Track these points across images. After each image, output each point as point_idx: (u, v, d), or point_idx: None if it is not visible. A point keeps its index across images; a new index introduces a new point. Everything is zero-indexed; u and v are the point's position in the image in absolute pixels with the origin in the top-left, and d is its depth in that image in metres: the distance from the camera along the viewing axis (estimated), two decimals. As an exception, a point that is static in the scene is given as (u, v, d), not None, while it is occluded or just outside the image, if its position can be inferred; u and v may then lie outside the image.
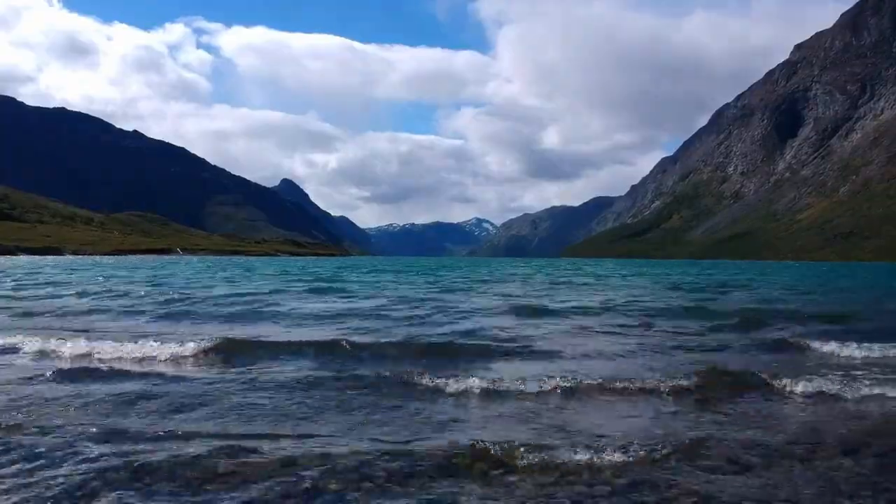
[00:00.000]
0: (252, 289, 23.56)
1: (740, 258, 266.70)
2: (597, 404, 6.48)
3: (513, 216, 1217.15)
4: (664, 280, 37.50)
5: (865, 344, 9.70)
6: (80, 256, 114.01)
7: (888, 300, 23.51)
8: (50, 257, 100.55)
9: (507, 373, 7.84)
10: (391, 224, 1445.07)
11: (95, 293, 19.88)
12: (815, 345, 9.97)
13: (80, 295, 19.21)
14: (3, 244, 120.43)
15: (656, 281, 36.58)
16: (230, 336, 10.11)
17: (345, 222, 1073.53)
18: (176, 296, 18.83)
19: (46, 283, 25.72)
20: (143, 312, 14.60)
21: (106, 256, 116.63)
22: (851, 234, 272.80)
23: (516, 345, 10.12)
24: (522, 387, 6.87)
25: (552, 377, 7.16)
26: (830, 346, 9.76)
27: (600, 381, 7.14)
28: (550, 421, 5.76)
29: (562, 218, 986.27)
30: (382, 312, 15.18)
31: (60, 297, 18.82)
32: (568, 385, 6.93)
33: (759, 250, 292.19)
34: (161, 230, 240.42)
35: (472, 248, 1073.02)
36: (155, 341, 9.25)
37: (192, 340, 9.22)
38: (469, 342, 10.28)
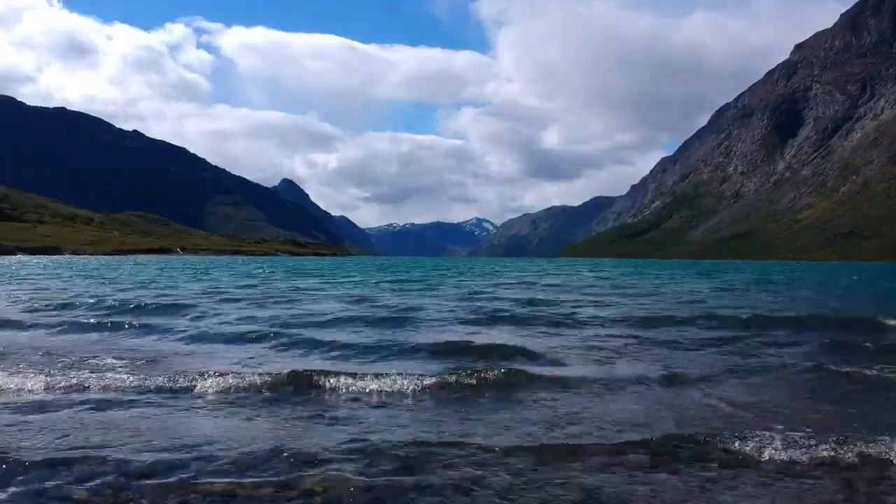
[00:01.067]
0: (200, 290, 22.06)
1: (740, 258, 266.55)
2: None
3: (513, 216, 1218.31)
4: (663, 278, 37.22)
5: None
6: (79, 256, 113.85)
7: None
8: (46, 257, 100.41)
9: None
10: (391, 224, 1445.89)
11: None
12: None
13: None
14: (3, 244, 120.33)
15: (661, 281, 36.30)
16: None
17: (345, 222, 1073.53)
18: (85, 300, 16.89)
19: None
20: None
21: (106, 256, 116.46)
22: (851, 234, 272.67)
23: (544, 371, 7.81)
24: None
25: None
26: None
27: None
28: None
29: (562, 218, 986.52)
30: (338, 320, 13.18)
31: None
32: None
33: (759, 250, 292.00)
34: (161, 230, 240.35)
35: (473, 249, 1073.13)
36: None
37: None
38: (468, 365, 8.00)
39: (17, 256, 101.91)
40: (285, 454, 4.53)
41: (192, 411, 5.86)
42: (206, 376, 6.93)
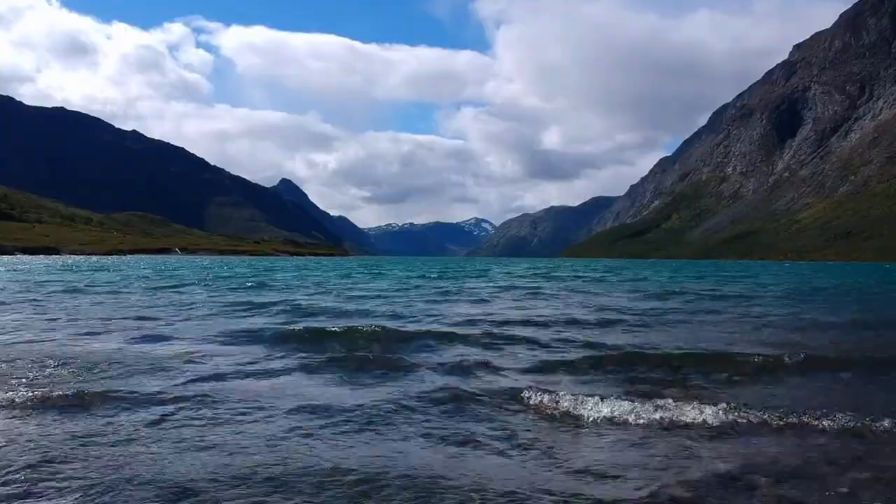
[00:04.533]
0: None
1: (740, 258, 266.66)
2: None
3: (513, 216, 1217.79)
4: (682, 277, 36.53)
5: None
6: (77, 256, 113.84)
7: None
8: (45, 257, 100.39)
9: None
10: (390, 224, 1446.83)
11: None
12: None
13: None
14: (2, 244, 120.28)
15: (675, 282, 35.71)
16: None
17: (345, 222, 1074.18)
18: None
19: None
20: None
21: (104, 257, 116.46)
22: (850, 235, 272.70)
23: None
24: None
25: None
26: None
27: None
28: None
29: (561, 218, 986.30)
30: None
31: None
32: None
33: (758, 250, 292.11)
34: (161, 230, 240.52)
35: (472, 249, 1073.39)
36: None
37: None
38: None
39: (17, 256, 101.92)
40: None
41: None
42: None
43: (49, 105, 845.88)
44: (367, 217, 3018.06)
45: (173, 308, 15.31)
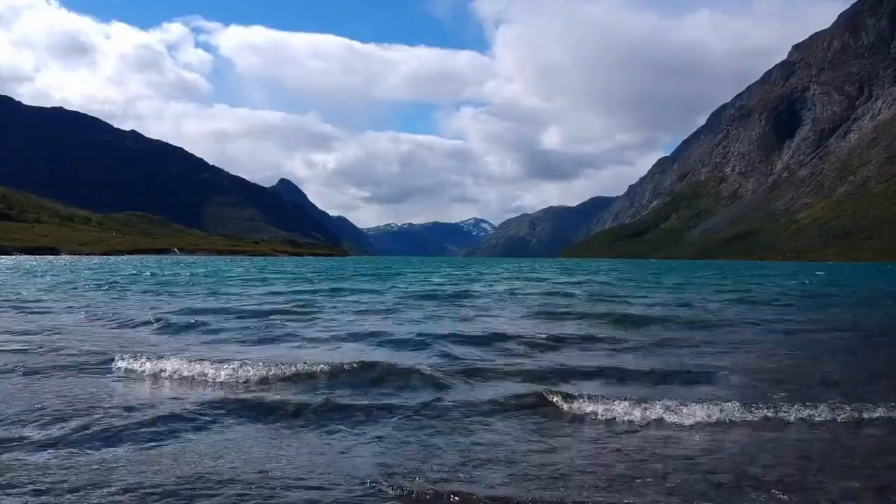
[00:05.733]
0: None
1: (739, 258, 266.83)
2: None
3: (512, 216, 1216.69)
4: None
5: None
6: (76, 257, 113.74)
7: None
8: (44, 257, 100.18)
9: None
10: (389, 224, 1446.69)
11: None
12: None
13: None
14: (1, 244, 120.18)
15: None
16: None
17: (344, 222, 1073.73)
18: None
19: None
20: None
21: (102, 257, 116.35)
22: (850, 235, 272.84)
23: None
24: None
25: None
26: None
27: None
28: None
29: (560, 218, 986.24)
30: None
31: None
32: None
33: (758, 250, 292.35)
34: (160, 230, 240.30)
35: (471, 249, 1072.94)
36: None
37: None
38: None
39: (14, 256, 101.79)
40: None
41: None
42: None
43: (48, 105, 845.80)
44: (367, 217, 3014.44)
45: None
